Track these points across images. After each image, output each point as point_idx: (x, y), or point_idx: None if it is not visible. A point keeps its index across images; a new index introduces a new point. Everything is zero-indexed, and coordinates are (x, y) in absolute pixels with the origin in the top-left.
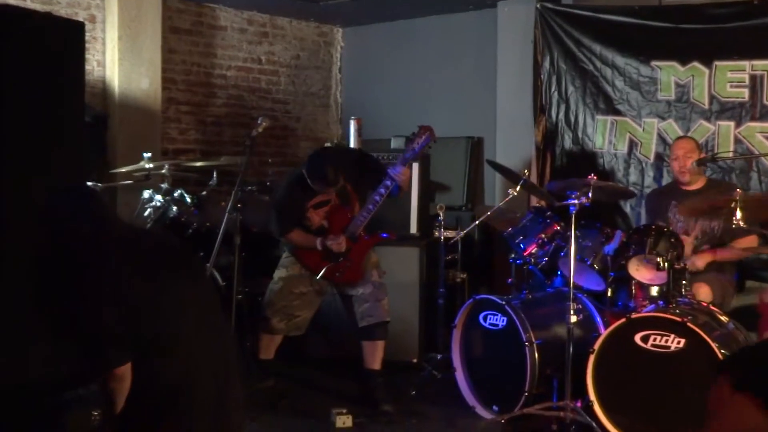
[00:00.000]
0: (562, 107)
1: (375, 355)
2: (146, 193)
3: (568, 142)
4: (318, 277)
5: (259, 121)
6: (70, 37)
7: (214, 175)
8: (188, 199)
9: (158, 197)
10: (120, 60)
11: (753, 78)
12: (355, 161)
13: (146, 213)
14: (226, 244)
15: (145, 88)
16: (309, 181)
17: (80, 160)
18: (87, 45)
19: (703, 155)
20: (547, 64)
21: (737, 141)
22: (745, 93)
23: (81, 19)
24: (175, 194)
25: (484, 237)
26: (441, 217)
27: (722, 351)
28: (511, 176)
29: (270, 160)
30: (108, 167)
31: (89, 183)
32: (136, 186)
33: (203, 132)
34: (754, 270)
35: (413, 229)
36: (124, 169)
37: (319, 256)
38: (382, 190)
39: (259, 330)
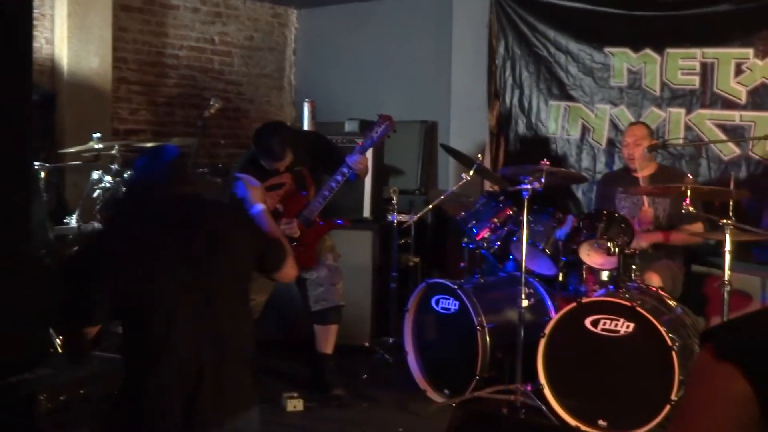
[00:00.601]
0: (516, 92)
1: (327, 340)
2: (95, 174)
3: (521, 127)
4: None
5: (211, 102)
6: (16, 13)
7: None
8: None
9: (108, 178)
10: (69, 38)
11: (704, 65)
12: (312, 145)
13: (95, 194)
14: None
15: (94, 67)
16: (257, 155)
17: (27, 140)
18: (35, 22)
19: (654, 141)
20: (501, 49)
21: (687, 128)
22: (696, 80)
23: None
24: (125, 175)
25: (437, 221)
26: (394, 201)
27: (670, 335)
28: (464, 161)
29: (222, 142)
30: (56, 147)
31: (36, 164)
32: (85, 167)
33: (154, 112)
34: (701, 255)
35: (366, 212)
36: (72, 150)
37: None
38: (339, 177)
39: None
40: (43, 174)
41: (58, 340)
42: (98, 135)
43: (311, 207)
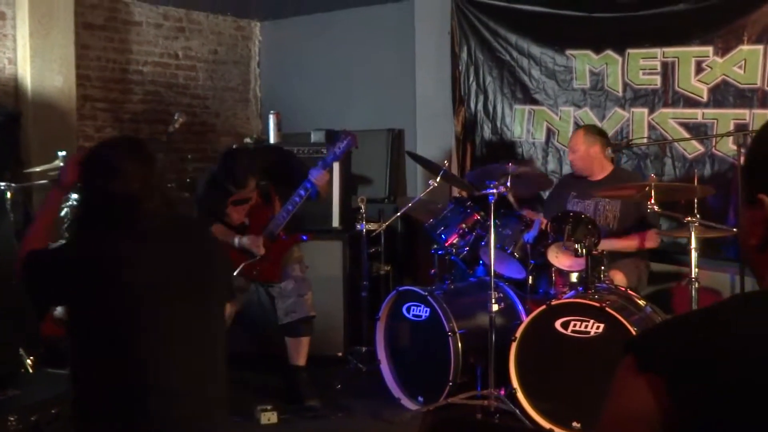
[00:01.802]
0: (481, 97)
1: (299, 351)
2: None
3: (487, 132)
4: (235, 274)
5: (175, 117)
6: None
7: None
8: None
9: (75, 196)
10: (32, 57)
11: (664, 65)
12: (277, 161)
13: (62, 213)
14: None
15: (58, 86)
16: (217, 180)
17: None
18: None
19: (597, 140)
20: (464, 54)
21: (651, 127)
22: (657, 80)
23: None
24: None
25: (406, 228)
26: (363, 210)
27: None
28: (431, 167)
29: (189, 156)
30: (22, 166)
31: (2, 184)
32: (51, 185)
33: (120, 129)
34: (670, 254)
35: (335, 222)
36: (38, 169)
37: (238, 252)
38: (302, 192)
39: None
40: (9, 194)
41: (28, 360)
42: (63, 153)
43: (275, 221)
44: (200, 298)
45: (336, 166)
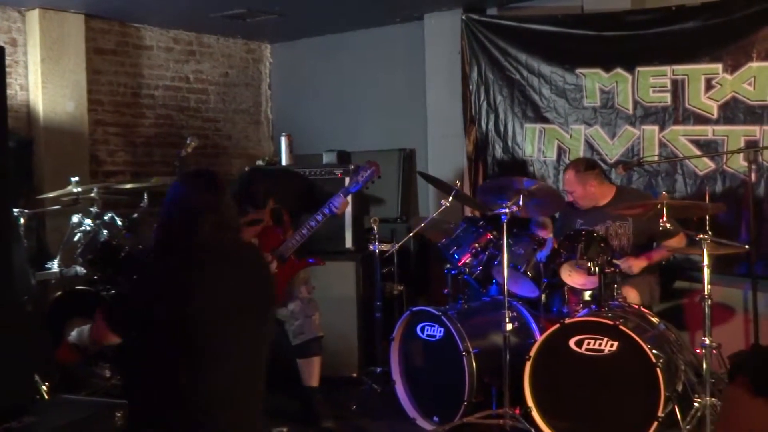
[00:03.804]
0: (492, 117)
1: (312, 372)
2: (75, 218)
3: (498, 151)
4: None
5: (188, 141)
6: None
7: (145, 197)
8: (119, 222)
9: (88, 221)
10: (43, 83)
11: (674, 82)
12: (294, 187)
13: (76, 238)
14: None
15: (70, 111)
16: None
17: (4, 187)
18: (8, 69)
19: (590, 176)
20: (474, 74)
21: (662, 144)
22: (668, 97)
23: (1, 43)
24: (106, 218)
25: (419, 248)
26: (375, 230)
27: (654, 352)
28: (443, 187)
29: None
30: (35, 193)
31: (15, 210)
32: (64, 211)
33: (133, 153)
34: (683, 270)
35: (348, 243)
36: (51, 195)
37: None
38: (320, 217)
39: None
40: (22, 220)
41: (44, 387)
42: (76, 179)
43: (288, 243)
44: (256, 323)
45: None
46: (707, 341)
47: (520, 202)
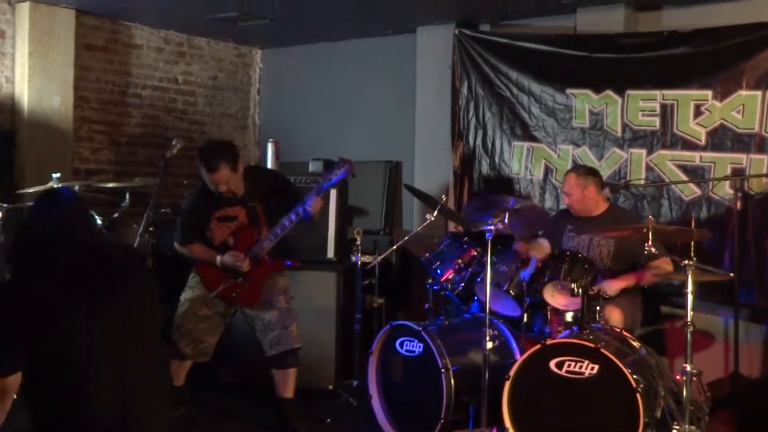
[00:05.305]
0: (480, 133)
1: (287, 384)
2: None
3: (485, 168)
4: (213, 295)
5: (173, 143)
6: None
7: (127, 197)
8: (99, 222)
9: None
10: (30, 76)
11: (663, 107)
12: (271, 183)
13: None
14: None
15: (56, 106)
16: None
17: None
18: None
19: (590, 181)
20: (464, 89)
21: (649, 168)
22: (656, 121)
23: None
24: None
25: (401, 262)
26: (358, 242)
27: (635, 377)
28: (428, 201)
29: (186, 182)
30: (15, 187)
31: None
32: None
33: (117, 152)
34: (665, 296)
35: (330, 253)
36: (32, 190)
37: (218, 273)
38: (293, 216)
39: (167, 355)
40: (0, 214)
41: None
42: (58, 175)
43: (261, 244)
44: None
45: (333, 196)
46: (688, 368)
47: (506, 220)
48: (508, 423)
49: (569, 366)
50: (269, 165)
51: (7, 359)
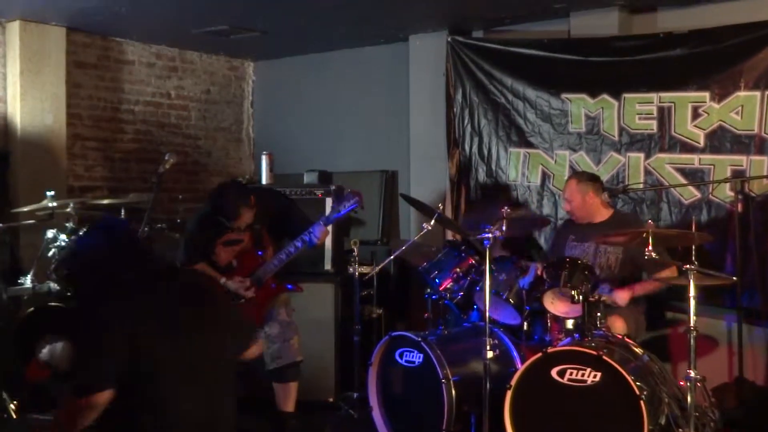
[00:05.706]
0: (476, 140)
1: (288, 397)
2: (50, 233)
3: (482, 175)
4: None
5: (166, 157)
6: None
7: (122, 213)
8: None
9: (63, 237)
10: (22, 95)
11: (660, 109)
12: (275, 207)
13: (50, 253)
14: None
15: (49, 124)
16: (214, 212)
17: None
18: None
19: (590, 186)
20: (459, 96)
21: (647, 172)
22: (654, 124)
23: None
24: (81, 233)
25: (399, 272)
26: (355, 253)
27: (637, 383)
28: (425, 210)
29: (180, 197)
30: (9, 206)
31: None
32: (39, 225)
33: (111, 168)
34: (667, 300)
35: (328, 265)
36: (26, 208)
37: None
38: (299, 244)
39: None
40: None
41: (12, 405)
42: (52, 193)
43: (266, 267)
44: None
45: (328, 208)
46: (692, 374)
47: (503, 227)
48: None
49: (571, 374)
50: (264, 177)
51: (102, 376)
